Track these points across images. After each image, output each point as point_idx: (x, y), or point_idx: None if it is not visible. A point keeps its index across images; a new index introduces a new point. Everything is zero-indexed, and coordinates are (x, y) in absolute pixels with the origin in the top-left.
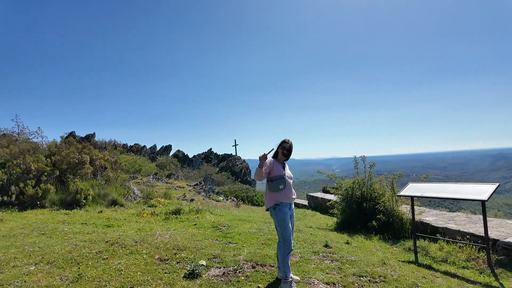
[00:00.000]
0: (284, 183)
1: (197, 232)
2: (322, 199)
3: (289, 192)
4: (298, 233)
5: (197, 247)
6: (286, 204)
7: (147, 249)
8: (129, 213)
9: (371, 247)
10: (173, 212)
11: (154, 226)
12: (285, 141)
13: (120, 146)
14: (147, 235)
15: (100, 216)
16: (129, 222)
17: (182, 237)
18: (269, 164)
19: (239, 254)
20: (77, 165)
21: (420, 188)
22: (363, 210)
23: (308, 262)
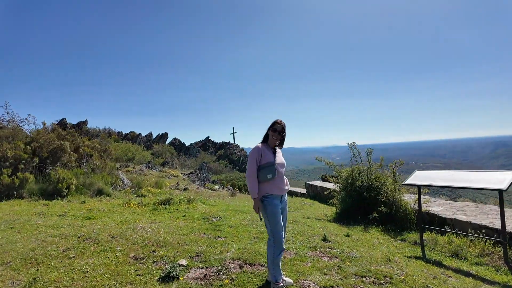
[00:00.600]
0: (274, 171)
1: (185, 225)
2: (321, 188)
3: (280, 182)
4: (294, 225)
5: (181, 243)
6: (277, 196)
7: (122, 246)
8: (115, 203)
9: (373, 240)
10: (162, 202)
11: (139, 218)
12: (277, 121)
13: (115, 133)
14: (128, 229)
15: (82, 207)
16: (113, 214)
17: (166, 231)
18: (258, 152)
19: (226, 251)
20: (58, 152)
21: (428, 176)
22: (364, 200)
23: (304, 260)
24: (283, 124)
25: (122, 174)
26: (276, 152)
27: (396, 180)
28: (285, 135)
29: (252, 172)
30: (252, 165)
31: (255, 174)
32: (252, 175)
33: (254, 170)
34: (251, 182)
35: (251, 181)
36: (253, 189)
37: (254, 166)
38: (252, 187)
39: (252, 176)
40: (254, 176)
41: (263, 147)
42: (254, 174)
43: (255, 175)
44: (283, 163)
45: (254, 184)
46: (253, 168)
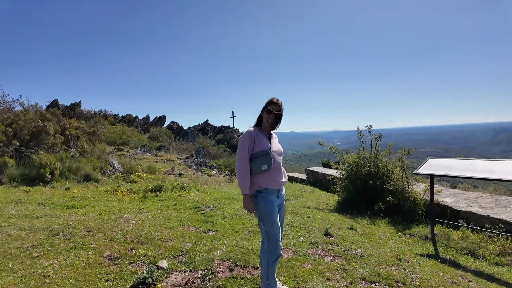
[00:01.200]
0: (269, 161)
1: (174, 216)
2: (322, 174)
3: (277, 174)
4: (293, 216)
5: (165, 238)
6: (273, 191)
7: (97, 242)
8: (102, 190)
9: (380, 235)
10: (153, 189)
11: (125, 207)
12: (273, 101)
13: (111, 116)
14: (109, 221)
15: (65, 194)
16: (98, 202)
17: (151, 223)
18: (251, 137)
19: (216, 249)
20: (41, 135)
21: (443, 165)
22: (369, 189)
23: (304, 261)
24: (281, 104)
25: (113, 158)
26: (272, 137)
27: (405, 169)
28: (281, 116)
29: (244, 162)
30: (244, 153)
31: (247, 164)
32: (243, 166)
33: (246, 159)
34: (242, 174)
35: (242, 173)
36: (244, 183)
37: (246, 155)
38: (243, 180)
39: (243, 167)
40: (246, 167)
41: (256, 132)
42: (246, 165)
43: (247, 165)
44: (281, 151)
45: (246, 176)
46: (245, 157)
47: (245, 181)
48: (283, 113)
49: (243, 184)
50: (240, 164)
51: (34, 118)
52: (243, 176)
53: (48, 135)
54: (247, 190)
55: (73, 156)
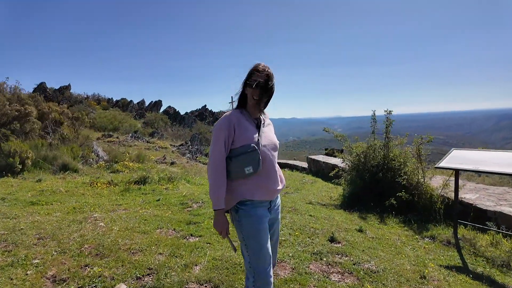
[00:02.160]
0: (257, 161)
1: (153, 215)
2: (325, 164)
3: (269, 179)
4: (293, 215)
5: (133, 248)
6: (262, 204)
7: (45, 256)
8: (80, 181)
9: (394, 238)
10: (137, 181)
11: (100, 203)
12: (257, 68)
13: (105, 100)
14: (72, 223)
15: (34, 188)
16: (70, 197)
17: (122, 226)
18: (229, 125)
19: (194, 264)
20: (19, 119)
21: (470, 158)
22: (378, 183)
23: (305, 282)
24: (269, 72)
25: (98, 145)
26: (262, 123)
27: (422, 160)
28: (273, 90)
29: (217, 163)
30: (218, 149)
31: (223, 165)
32: (216, 168)
33: (222, 158)
34: (214, 180)
35: (214, 178)
36: (216, 192)
37: (222, 152)
38: (216, 189)
39: (216, 169)
40: (220, 170)
41: (238, 117)
42: (221, 166)
43: (222, 167)
44: (275, 144)
45: (220, 183)
46: (219, 156)
47: (218, 190)
48: (274, 85)
49: (216, 194)
50: (213, 165)
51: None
52: (215, 182)
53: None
54: (221, 204)
55: (51, 144)
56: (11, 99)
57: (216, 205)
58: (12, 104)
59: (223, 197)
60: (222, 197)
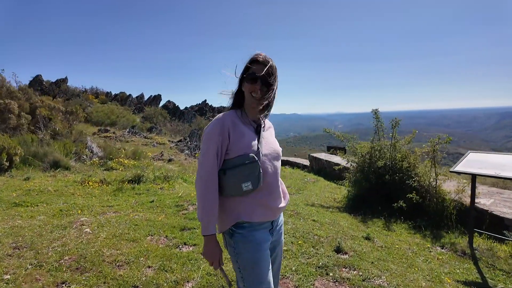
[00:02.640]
0: (256, 175)
1: (145, 218)
2: (327, 162)
3: (270, 195)
4: (295, 220)
5: (119, 260)
6: (262, 226)
7: (17, 270)
8: (70, 180)
9: (404, 247)
10: (131, 180)
11: (90, 204)
12: (257, 59)
13: (103, 94)
14: (55, 228)
15: (20, 186)
16: (59, 197)
17: (110, 232)
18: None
19: (186, 280)
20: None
21: (488, 161)
22: (385, 185)
23: None
24: (271, 63)
25: (92, 141)
26: (263, 128)
27: (436, 162)
28: (275, 88)
29: (208, 177)
30: (208, 161)
31: (214, 180)
32: (206, 184)
33: (213, 172)
34: (204, 199)
35: (205, 196)
36: (206, 213)
37: (213, 164)
38: (206, 209)
39: (206, 185)
40: (212, 186)
41: (234, 120)
42: (212, 182)
43: (213, 183)
44: (277, 152)
45: (210, 203)
46: (210, 168)
47: (208, 212)
48: (277, 78)
49: (206, 216)
50: (202, 180)
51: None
52: (205, 202)
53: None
54: (212, 228)
55: (42, 139)
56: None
57: (206, 230)
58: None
59: (214, 221)
60: (213, 221)
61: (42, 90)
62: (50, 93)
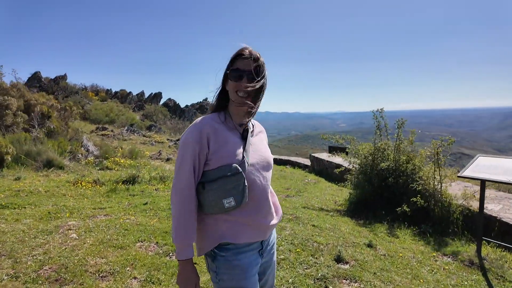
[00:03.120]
0: (241, 189)
1: (136, 223)
2: (328, 163)
3: (258, 211)
4: (294, 225)
5: (103, 270)
6: (250, 247)
7: None
8: (63, 180)
9: (409, 256)
10: (126, 180)
11: (81, 207)
12: (242, 53)
13: (103, 91)
14: (40, 233)
15: (11, 187)
16: (49, 198)
17: (98, 238)
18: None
19: None
20: None
21: (499, 166)
22: (388, 188)
23: None
24: (259, 59)
25: (88, 140)
26: (251, 132)
27: (440, 165)
28: (264, 85)
29: (184, 192)
30: (184, 173)
31: (191, 195)
32: (182, 200)
33: (190, 186)
34: (179, 218)
35: (180, 214)
36: (181, 235)
37: (190, 177)
38: (180, 229)
39: (182, 201)
40: (189, 203)
41: (214, 124)
42: (189, 197)
43: (190, 198)
44: (267, 161)
45: (187, 222)
46: (186, 182)
47: (184, 233)
48: (266, 77)
49: (180, 237)
50: (176, 195)
51: None
52: (180, 221)
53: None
54: (188, 251)
55: (37, 138)
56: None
57: (181, 254)
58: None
59: (190, 242)
60: (189, 242)
61: (40, 87)
62: (48, 90)
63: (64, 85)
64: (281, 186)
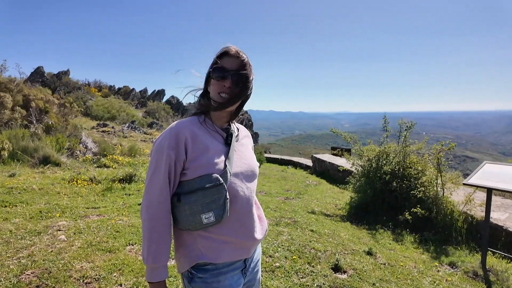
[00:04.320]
0: (221, 202)
1: (129, 224)
2: (330, 164)
3: (240, 227)
4: (291, 229)
5: (88, 276)
6: (232, 266)
7: None
8: (58, 177)
9: (410, 265)
10: (122, 179)
11: (74, 206)
12: (228, 52)
13: (106, 87)
14: (28, 234)
15: (3, 184)
16: (42, 196)
17: (86, 240)
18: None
19: None
20: None
21: (507, 174)
22: (391, 193)
23: None
24: (244, 58)
25: (87, 136)
26: (236, 137)
27: (441, 171)
28: (250, 87)
29: (156, 206)
30: (157, 183)
31: (165, 210)
32: (154, 215)
33: (163, 199)
34: (150, 235)
35: (151, 230)
36: (152, 253)
37: (164, 188)
38: (152, 247)
39: (154, 216)
40: (162, 218)
41: (193, 128)
42: (162, 211)
43: (164, 213)
44: (252, 170)
45: (159, 239)
46: (160, 194)
47: (154, 253)
48: (252, 79)
49: (152, 258)
50: (148, 210)
51: None
52: (152, 239)
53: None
54: (158, 273)
55: (34, 134)
56: None
57: (153, 275)
58: None
59: (163, 262)
60: (163, 263)
61: (43, 82)
62: (51, 85)
63: (67, 80)
64: (281, 188)
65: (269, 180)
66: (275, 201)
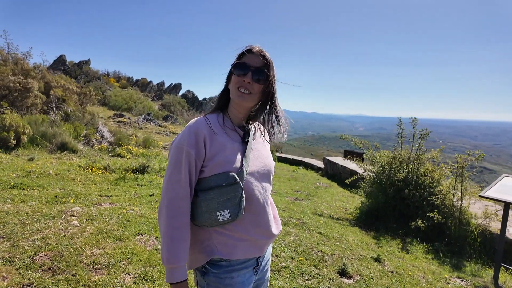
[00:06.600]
0: (237, 201)
1: (140, 214)
2: (342, 167)
3: (256, 225)
4: (299, 231)
5: (98, 262)
6: (245, 264)
7: None
8: (74, 164)
9: (418, 275)
10: (135, 169)
11: (88, 192)
12: (251, 50)
13: (125, 78)
14: (43, 217)
15: (23, 167)
16: (58, 181)
17: (98, 227)
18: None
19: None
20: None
21: None
22: (403, 200)
23: None
24: (267, 56)
25: (104, 125)
26: (253, 135)
27: (463, 181)
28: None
29: (176, 203)
30: (177, 181)
31: (185, 207)
32: (174, 212)
33: (183, 196)
34: (171, 233)
35: (171, 228)
36: (172, 253)
37: (184, 185)
38: (171, 245)
39: (174, 213)
40: (181, 215)
41: (211, 126)
42: (182, 209)
43: (183, 210)
44: (268, 169)
45: (178, 235)
46: (180, 191)
47: (175, 253)
48: (274, 78)
49: (172, 258)
50: (168, 209)
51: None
52: (172, 239)
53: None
54: (179, 274)
55: (53, 120)
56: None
57: (172, 277)
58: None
59: (184, 261)
60: (183, 261)
61: (64, 70)
62: (72, 74)
63: (87, 70)
64: (291, 188)
65: (280, 180)
66: (285, 201)
